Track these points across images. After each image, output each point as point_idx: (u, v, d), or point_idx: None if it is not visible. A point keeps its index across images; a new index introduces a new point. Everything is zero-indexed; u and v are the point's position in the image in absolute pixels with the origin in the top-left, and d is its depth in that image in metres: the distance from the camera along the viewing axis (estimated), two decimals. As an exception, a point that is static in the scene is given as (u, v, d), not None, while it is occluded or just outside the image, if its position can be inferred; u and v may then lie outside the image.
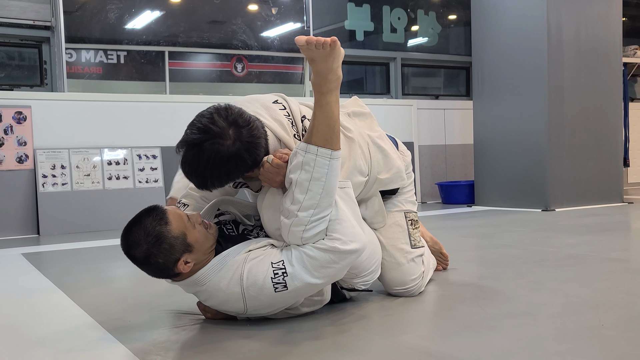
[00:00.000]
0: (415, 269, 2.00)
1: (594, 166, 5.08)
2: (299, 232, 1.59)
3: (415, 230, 2.04)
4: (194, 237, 1.62)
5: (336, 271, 1.62)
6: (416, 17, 6.60)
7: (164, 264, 1.59)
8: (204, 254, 1.65)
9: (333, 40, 1.56)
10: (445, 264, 2.44)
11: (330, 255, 1.58)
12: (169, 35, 5.23)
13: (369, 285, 1.91)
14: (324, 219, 1.60)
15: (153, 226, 1.57)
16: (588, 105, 5.04)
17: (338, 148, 1.62)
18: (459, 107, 6.46)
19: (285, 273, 1.58)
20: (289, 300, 1.66)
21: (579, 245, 2.99)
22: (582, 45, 5.01)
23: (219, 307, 1.72)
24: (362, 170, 1.85)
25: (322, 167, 1.58)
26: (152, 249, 1.57)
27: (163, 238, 1.57)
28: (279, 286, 1.58)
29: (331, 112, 1.60)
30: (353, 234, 1.62)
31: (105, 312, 1.94)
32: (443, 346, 1.49)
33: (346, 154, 1.80)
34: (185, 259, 1.60)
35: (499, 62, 5.19)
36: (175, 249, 1.58)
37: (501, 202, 5.20)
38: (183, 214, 1.65)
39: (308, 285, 1.61)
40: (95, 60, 4.93)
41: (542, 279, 2.23)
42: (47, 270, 2.81)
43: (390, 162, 1.92)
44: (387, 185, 1.95)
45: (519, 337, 1.53)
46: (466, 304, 1.90)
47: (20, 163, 4.35)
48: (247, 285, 1.59)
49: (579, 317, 1.69)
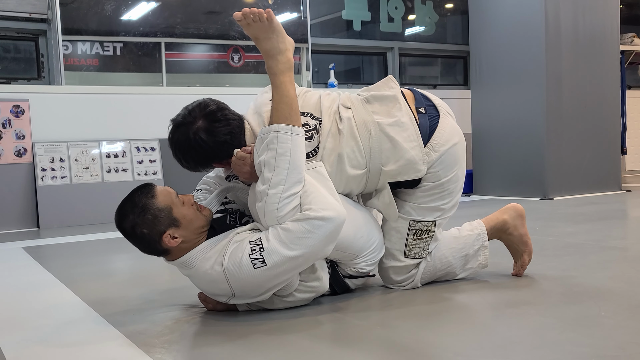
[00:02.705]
0: (399, 274, 1.96)
1: (591, 154, 5.09)
2: (273, 212, 1.61)
3: (418, 240, 1.91)
4: (181, 213, 1.68)
5: (314, 242, 1.59)
6: (413, 7, 6.58)
7: (149, 235, 1.65)
8: (193, 233, 1.69)
9: (267, 12, 1.69)
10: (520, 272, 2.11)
11: (303, 225, 1.59)
12: (166, 27, 5.21)
13: (373, 267, 1.90)
14: (295, 195, 1.63)
15: (140, 199, 1.67)
16: (586, 93, 5.04)
17: (299, 125, 1.69)
18: (456, 96, 6.45)
19: (262, 249, 1.59)
20: (274, 280, 1.64)
21: (577, 234, 3.01)
22: (580, 33, 5.00)
23: (208, 291, 1.74)
24: (353, 163, 1.80)
25: (285, 142, 1.64)
26: (137, 219, 1.65)
27: (147, 209, 1.65)
28: (257, 262, 1.59)
29: (286, 91, 1.69)
30: (325, 203, 1.62)
31: (108, 305, 1.95)
32: (445, 336, 1.50)
33: (331, 147, 1.80)
34: (171, 233, 1.66)
35: (496, 51, 5.18)
36: (159, 220, 1.65)
37: (499, 191, 5.22)
38: (173, 191, 1.72)
39: (287, 260, 1.59)
40: (92, 52, 4.91)
41: (542, 268, 2.25)
42: (49, 264, 2.82)
43: (399, 153, 1.80)
44: (396, 177, 1.83)
45: (520, 326, 1.55)
46: (467, 294, 1.92)
47: (19, 157, 4.35)
48: (228, 265, 1.62)
49: (579, 306, 1.70)
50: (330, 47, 6.13)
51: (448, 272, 2.03)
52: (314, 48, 5.83)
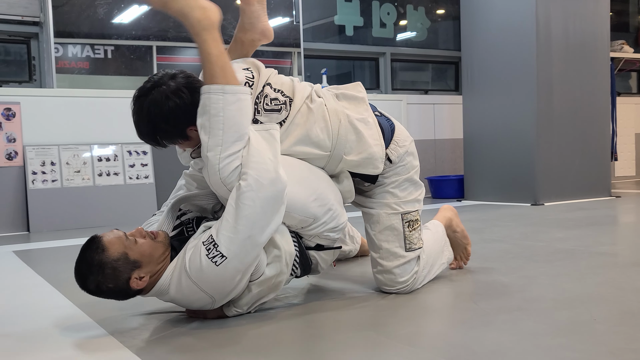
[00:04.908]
0: (406, 272, 1.98)
1: (582, 160, 5.13)
2: (216, 175, 1.60)
3: (412, 231, 1.99)
4: (138, 252, 1.63)
5: (257, 214, 1.58)
6: (405, 12, 6.61)
7: (116, 287, 1.62)
8: (156, 264, 1.66)
9: None
10: (465, 261, 2.35)
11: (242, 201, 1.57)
12: (158, 30, 5.20)
13: (338, 236, 1.90)
14: (236, 155, 1.60)
15: (92, 257, 1.60)
16: (576, 99, 5.08)
17: (233, 82, 1.63)
18: (448, 102, 6.48)
19: (215, 245, 1.58)
20: (241, 266, 1.60)
21: (568, 240, 3.03)
22: (571, 40, 5.05)
23: (191, 306, 1.73)
24: (319, 142, 1.83)
25: (217, 103, 1.60)
26: (98, 278, 1.59)
27: (103, 265, 1.59)
28: (217, 258, 1.57)
29: (209, 49, 1.62)
30: (263, 170, 1.61)
31: (98, 308, 1.94)
32: (438, 342, 1.51)
33: (299, 123, 1.82)
34: (136, 275, 1.62)
35: (488, 56, 5.21)
36: (119, 270, 1.60)
37: (490, 196, 5.24)
38: (120, 234, 1.65)
39: (242, 242, 1.58)
40: (82, 55, 4.89)
41: (533, 274, 2.26)
42: (39, 267, 2.80)
43: (363, 146, 1.87)
44: (354, 168, 1.90)
45: (512, 332, 1.55)
46: (459, 299, 1.93)
47: (10, 160, 4.32)
48: (192, 273, 1.60)
49: (571, 312, 1.71)
50: (323, 52, 6.15)
51: (434, 269, 2.14)
52: (306, 53, 5.84)
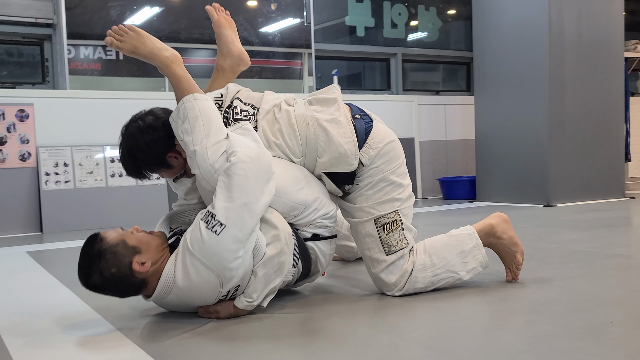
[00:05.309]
0: (392, 273, 1.96)
1: (595, 161, 5.09)
2: (206, 163, 1.70)
3: (390, 233, 1.95)
4: (136, 239, 1.70)
5: (250, 181, 1.67)
6: (417, 13, 6.59)
7: (119, 272, 1.65)
8: (156, 252, 1.71)
9: (128, 26, 1.86)
10: (516, 274, 2.11)
11: (233, 171, 1.67)
12: (170, 32, 5.22)
13: (333, 225, 1.95)
14: (220, 143, 1.73)
15: (92, 247, 1.66)
16: (589, 100, 5.05)
17: (200, 91, 1.84)
18: (459, 102, 6.46)
19: (213, 215, 1.64)
20: (242, 235, 1.64)
21: (582, 242, 3.00)
22: (584, 39, 5.01)
23: (199, 294, 1.71)
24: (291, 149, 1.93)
25: (193, 108, 1.77)
26: (100, 265, 1.64)
27: (103, 251, 1.65)
28: (216, 227, 1.62)
29: (178, 74, 1.84)
30: (247, 146, 1.73)
31: (112, 309, 1.95)
32: (452, 344, 1.50)
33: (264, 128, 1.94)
34: (137, 260, 1.66)
35: (500, 57, 5.19)
36: (119, 254, 1.65)
37: (503, 197, 5.22)
38: (117, 228, 1.75)
39: (239, 208, 1.64)
40: (94, 56, 4.92)
41: (547, 275, 2.24)
42: (53, 268, 2.82)
43: (332, 146, 1.93)
44: (329, 168, 1.95)
45: (528, 334, 1.54)
46: (473, 301, 1.91)
47: (23, 161, 4.35)
48: (195, 249, 1.63)
49: (587, 315, 1.70)
50: (334, 52, 6.14)
51: (448, 270, 2.01)
52: (317, 54, 5.84)
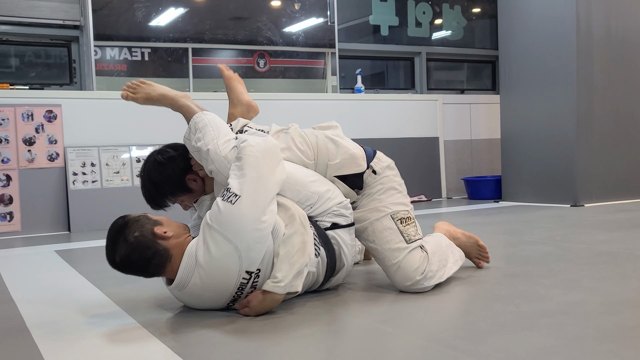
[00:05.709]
0: (415, 260, 2.02)
1: (623, 160, 5.01)
2: (219, 156, 1.89)
3: (407, 226, 2.08)
4: (158, 216, 1.87)
5: (258, 158, 1.80)
6: (441, 11, 6.55)
7: (143, 237, 1.77)
8: (177, 228, 1.85)
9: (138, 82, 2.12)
10: (486, 257, 2.41)
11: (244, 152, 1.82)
12: (194, 33, 5.26)
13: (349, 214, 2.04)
14: (230, 140, 1.92)
15: (116, 226, 1.81)
16: (618, 98, 4.96)
17: (203, 110, 2.05)
18: (485, 101, 6.40)
19: (228, 189, 1.77)
20: (255, 207, 1.74)
21: (610, 242, 2.96)
22: (613, 36, 4.93)
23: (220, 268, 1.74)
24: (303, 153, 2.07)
25: (202, 120, 1.97)
26: (126, 233, 1.77)
27: (127, 222, 1.80)
28: (231, 197, 1.74)
29: (188, 106, 2.06)
30: (252, 137, 1.89)
31: (141, 310, 1.97)
32: (480, 345, 1.48)
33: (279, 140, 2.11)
34: (158, 229, 1.79)
35: (526, 55, 5.13)
36: (142, 222, 1.80)
37: (529, 197, 5.15)
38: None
39: (252, 181, 1.77)
40: (120, 57, 4.98)
41: (576, 276, 2.21)
42: (81, 267, 2.86)
43: (342, 149, 2.10)
44: (341, 170, 2.09)
45: (557, 336, 1.52)
46: (500, 302, 1.89)
47: (51, 161, 4.42)
48: (214, 221, 1.73)
49: (618, 317, 1.67)
50: (357, 52, 6.13)
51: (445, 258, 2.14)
52: (340, 53, 5.83)
